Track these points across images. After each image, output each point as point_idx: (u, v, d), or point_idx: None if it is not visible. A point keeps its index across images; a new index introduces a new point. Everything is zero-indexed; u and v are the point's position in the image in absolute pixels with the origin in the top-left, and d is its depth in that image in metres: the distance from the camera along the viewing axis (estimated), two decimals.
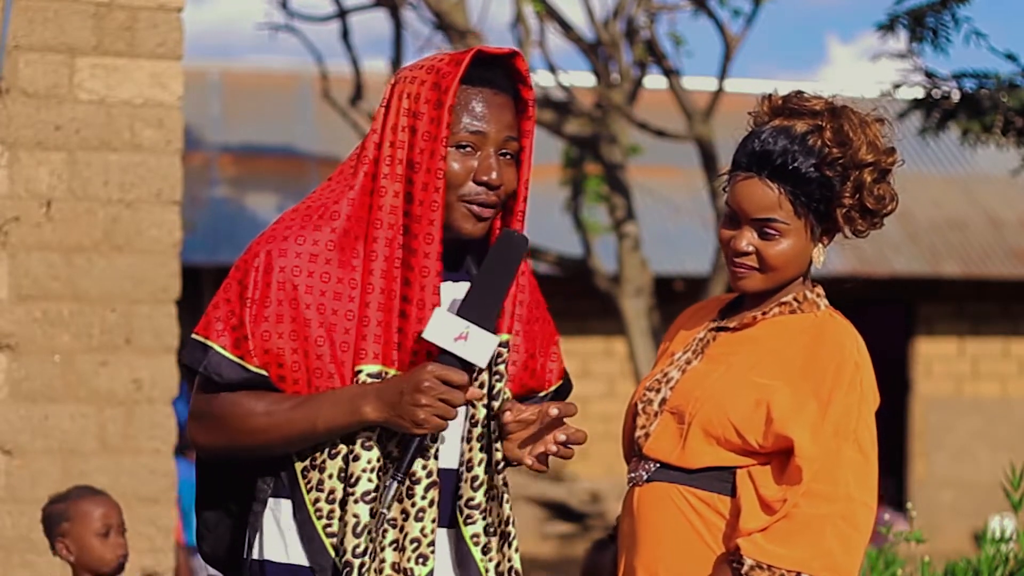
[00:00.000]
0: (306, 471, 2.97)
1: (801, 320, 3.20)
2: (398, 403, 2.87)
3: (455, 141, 2.96)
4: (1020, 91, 7.06)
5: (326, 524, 2.94)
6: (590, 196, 14.10)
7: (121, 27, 6.09)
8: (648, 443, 3.19)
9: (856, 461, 3.08)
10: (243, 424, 2.95)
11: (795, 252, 3.17)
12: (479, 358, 2.89)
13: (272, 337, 2.94)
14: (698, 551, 3.11)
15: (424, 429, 2.87)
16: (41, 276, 5.98)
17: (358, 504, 2.92)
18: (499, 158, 2.99)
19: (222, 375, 2.96)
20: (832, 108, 3.19)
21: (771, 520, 3.03)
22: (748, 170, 3.17)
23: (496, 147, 2.98)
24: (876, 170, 3.16)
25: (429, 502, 2.94)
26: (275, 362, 2.95)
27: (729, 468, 3.11)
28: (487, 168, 2.97)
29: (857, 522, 3.06)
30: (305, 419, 2.92)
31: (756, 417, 3.08)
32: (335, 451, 2.95)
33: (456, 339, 2.87)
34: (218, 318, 2.97)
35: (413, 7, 12.65)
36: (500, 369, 3.02)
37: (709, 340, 3.25)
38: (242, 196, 17.06)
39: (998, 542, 4.99)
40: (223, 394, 2.98)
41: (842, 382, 3.09)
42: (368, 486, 2.92)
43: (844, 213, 3.16)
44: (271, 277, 2.95)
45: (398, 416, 2.87)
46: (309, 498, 2.96)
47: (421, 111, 2.96)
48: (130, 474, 6.04)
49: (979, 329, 18.10)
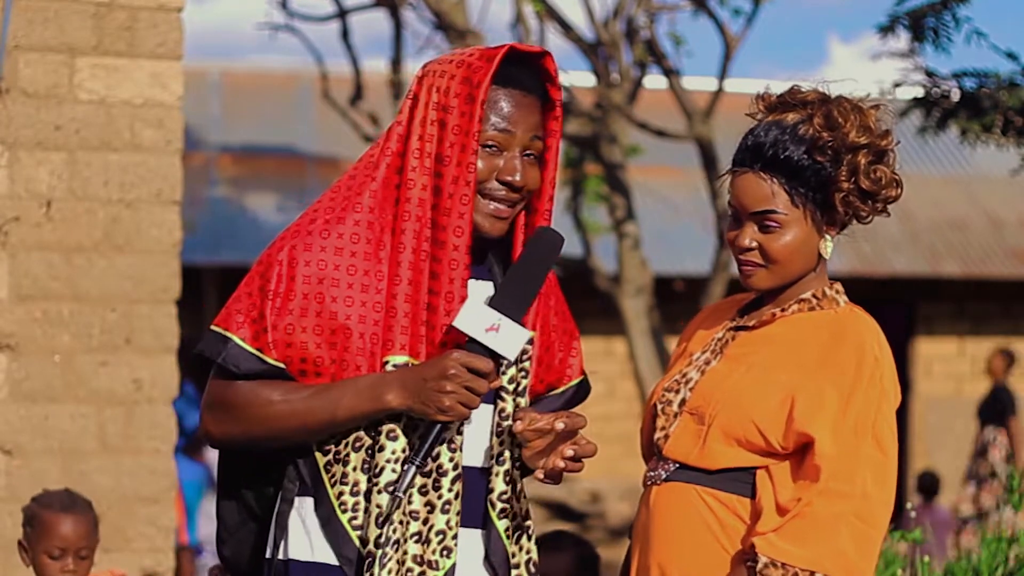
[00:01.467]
0: (329, 465, 2.97)
1: (821, 316, 3.18)
2: (422, 389, 2.88)
3: (483, 140, 2.97)
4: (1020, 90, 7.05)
5: (351, 517, 2.94)
6: (590, 196, 14.11)
7: (121, 27, 6.09)
8: (668, 444, 3.17)
9: (874, 458, 3.07)
10: (260, 412, 2.95)
11: (798, 243, 3.16)
12: (509, 350, 2.91)
13: (296, 330, 2.94)
14: (713, 552, 3.10)
15: (448, 416, 2.88)
16: (41, 276, 5.98)
17: (381, 495, 2.92)
18: (523, 159, 3.00)
19: (239, 366, 2.96)
20: (824, 97, 3.19)
21: (785, 519, 3.02)
22: (743, 165, 3.17)
23: (522, 148, 3.00)
24: (871, 152, 3.14)
25: (455, 495, 2.95)
26: (298, 356, 2.95)
27: (749, 469, 3.09)
28: (511, 169, 2.99)
29: (874, 520, 3.05)
30: (325, 406, 2.92)
31: (779, 417, 3.07)
32: (359, 444, 2.96)
33: (488, 330, 2.89)
34: (239, 310, 2.98)
35: (413, 7, 12.65)
36: (526, 366, 3.03)
37: (728, 339, 3.24)
38: (242, 196, 17.06)
39: (998, 542, 4.99)
40: (240, 383, 2.97)
41: (862, 378, 3.08)
42: (392, 476, 2.92)
43: (842, 198, 3.14)
44: (295, 270, 2.95)
45: (422, 403, 2.88)
46: (333, 492, 2.96)
47: (451, 105, 2.96)
48: (130, 474, 6.03)
49: (979, 329, 18.11)
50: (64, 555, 4.45)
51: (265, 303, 2.95)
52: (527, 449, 2.98)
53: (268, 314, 2.94)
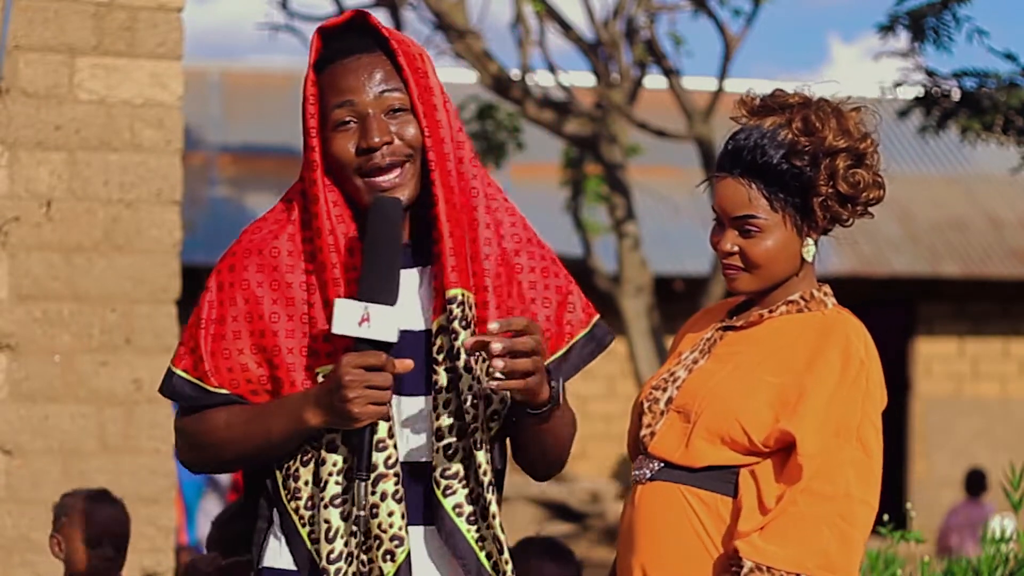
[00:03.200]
0: (285, 480, 2.96)
1: (808, 318, 3.19)
2: (330, 403, 2.83)
3: (334, 123, 2.91)
4: (1020, 90, 7.06)
5: (310, 531, 2.93)
6: (590, 196, 14.10)
7: (121, 27, 6.09)
8: (653, 442, 3.18)
9: (857, 459, 3.07)
10: (209, 440, 2.96)
11: (778, 248, 3.16)
12: (388, 334, 2.82)
13: (233, 353, 2.93)
14: (696, 551, 3.10)
15: (363, 421, 2.82)
16: (41, 276, 5.98)
17: (327, 509, 2.89)
18: (382, 118, 2.90)
19: (185, 397, 2.97)
20: (805, 100, 3.19)
21: (768, 519, 3.03)
22: (723, 170, 3.18)
23: (376, 108, 2.90)
24: (850, 156, 3.14)
25: (394, 495, 2.89)
26: (243, 377, 2.94)
27: (732, 468, 3.10)
28: (365, 131, 2.89)
29: (856, 520, 3.05)
30: (260, 432, 2.91)
31: (763, 416, 3.07)
32: (307, 458, 2.94)
33: (360, 323, 2.82)
34: (182, 343, 3.00)
35: (413, 7, 12.66)
36: (455, 326, 2.90)
37: (716, 339, 3.25)
38: (242, 196, 17.06)
39: (998, 542, 4.99)
40: (192, 415, 2.99)
41: (847, 379, 3.08)
42: (336, 489, 2.89)
43: (821, 202, 3.14)
44: (224, 295, 2.95)
45: (336, 415, 2.83)
46: (290, 507, 2.94)
47: (302, 107, 2.94)
48: (130, 474, 6.03)
49: (979, 329, 18.11)
50: (103, 543, 4.48)
51: (199, 331, 2.96)
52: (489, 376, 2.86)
53: (202, 343, 2.94)
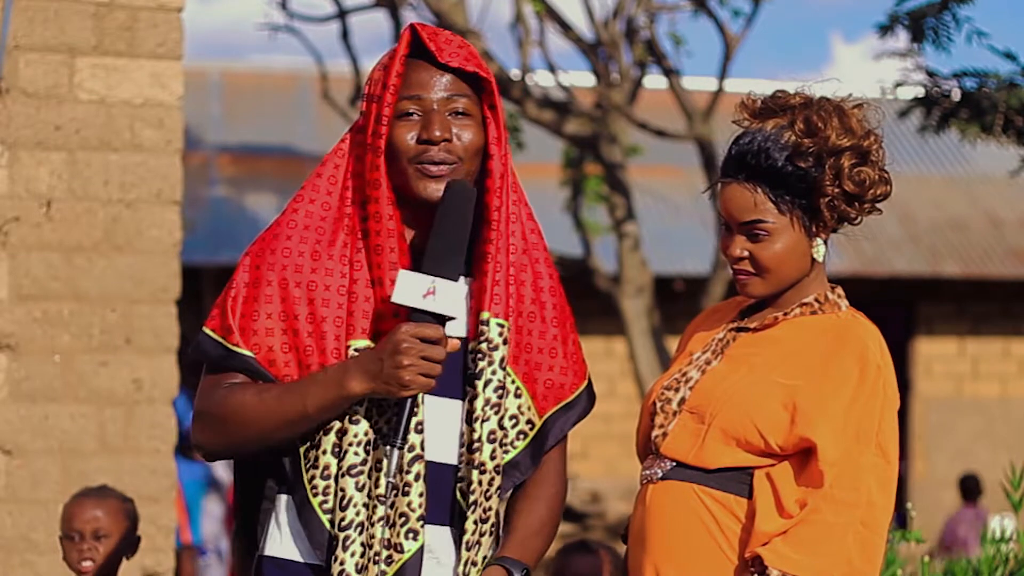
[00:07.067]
0: (308, 451, 3.00)
1: (823, 321, 3.18)
2: (380, 370, 2.89)
3: (398, 112, 3.00)
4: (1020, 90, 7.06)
5: (322, 500, 2.97)
6: (590, 196, 14.10)
7: (121, 27, 6.09)
8: (666, 442, 3.18)
9: (877, 465, 3.08)
10: (238, 416, 2.98)
11: (788, 251, 3.16)
12: (452, 308, 2.92)
13: (260, 318, 2.99)
14: (709, 550, 3.10)
15: (412, 390, 2.89)
16: (41, 276, 5.98)
17: (344, 478, 2.95)
18: (446, 117, 3.01)
19: (207, 353, 3.03)
20: (806, 101, 3.19)
21: (790, 524, 3.03)
22: (728, 175, 3.18)
23: (441, 107, 3.01)
24: (855, 154, 3.14)
25: (414, 476, 2.96)
26: (264, 344, 2.99)
27: (746, 469, 3.10)
28: (427, 124, 2.99)
29: (878, 526, 3.07)
30: (296, 401, 2.95)
31: (780, 420, 3.07)
32: (329, 427, 2.98)
33: (425, 296, 2.90)
34: (214, 305, 3.07)
35: (413, 7, 12.65)
36: (482, 348, 3.01)
37: (729, 340, 3.24)
38: (242, 196, 17.07)
39: (998, 542, 4.99)
40: (219, 391, 3.02)
41: (865, 385, 3.08)
42: (355, 459, 2.96)
43: (828, 202, 3.13)
44: (261, 260, 3.03)
45: (384, 382, 2.90)
46: (307, 476, 2.98)
47: (376, 93, 3.02)
48: (130, 474, 6.03)
49: (979, 329, 18.11)
50: (82, 538, 4.44)
51: (227, 293, 3.04)
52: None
53: (230, 304, 3.01)
